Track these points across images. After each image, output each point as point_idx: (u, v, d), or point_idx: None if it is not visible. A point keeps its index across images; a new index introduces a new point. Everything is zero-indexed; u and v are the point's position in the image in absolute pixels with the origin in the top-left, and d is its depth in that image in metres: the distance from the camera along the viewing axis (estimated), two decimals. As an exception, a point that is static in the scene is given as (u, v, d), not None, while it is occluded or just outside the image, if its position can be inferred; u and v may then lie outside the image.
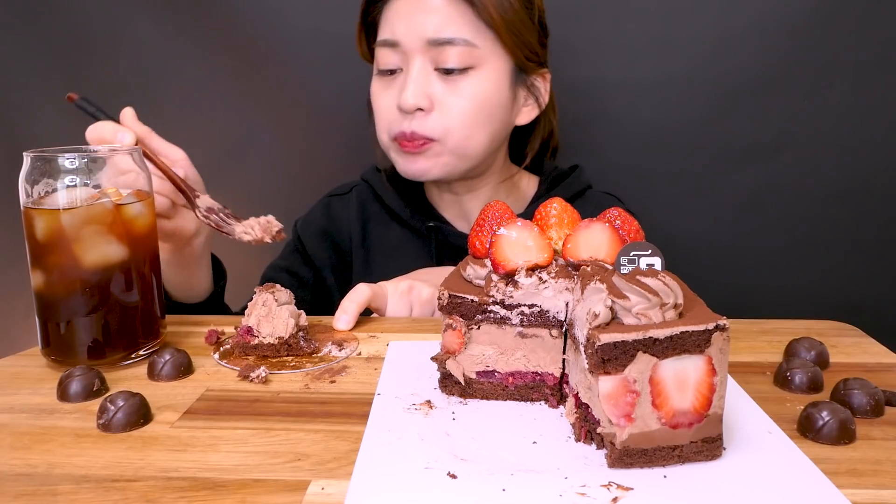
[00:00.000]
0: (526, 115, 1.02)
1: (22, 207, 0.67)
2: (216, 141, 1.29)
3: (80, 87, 1.26)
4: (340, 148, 1.29)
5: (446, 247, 1.04)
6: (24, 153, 0.67)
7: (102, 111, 0.85)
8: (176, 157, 0.87)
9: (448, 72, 0.93)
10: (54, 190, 0.66)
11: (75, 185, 0.66)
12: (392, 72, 0.97)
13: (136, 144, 0.80)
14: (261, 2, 1.23)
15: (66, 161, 0.66)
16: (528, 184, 1.11)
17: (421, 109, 0.94)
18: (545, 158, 1.12)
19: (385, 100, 0.98)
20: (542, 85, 1.02)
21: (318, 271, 1.10)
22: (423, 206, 1.08)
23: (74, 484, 0.48)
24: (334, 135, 1.29)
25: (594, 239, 0.56)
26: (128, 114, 0.85)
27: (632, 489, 0.47)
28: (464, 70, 0.93)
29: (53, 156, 0.66)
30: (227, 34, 1.25)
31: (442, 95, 0.94)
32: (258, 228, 0.81)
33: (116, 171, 0.70)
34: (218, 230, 0.82)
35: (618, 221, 0.59)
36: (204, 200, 0.85)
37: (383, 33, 0.96)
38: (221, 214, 0.84)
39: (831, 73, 1.20)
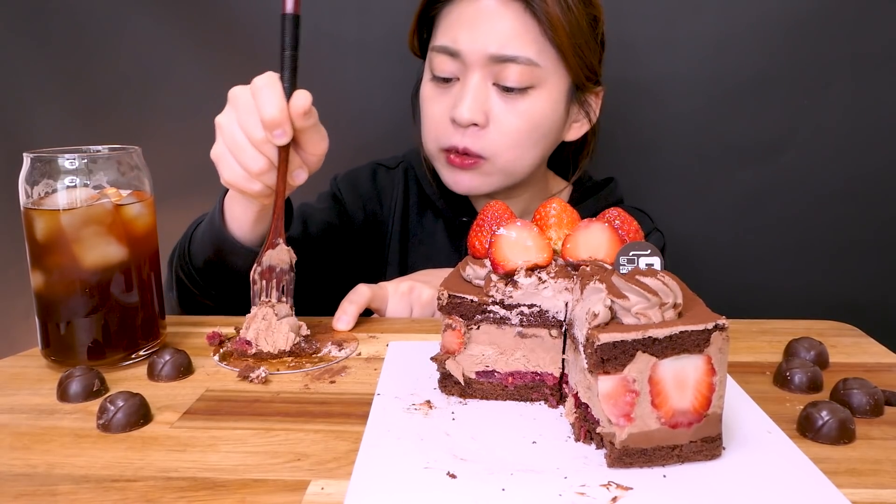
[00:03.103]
0: (576, 131, 1.00)
1: (22, 208, 0.67)
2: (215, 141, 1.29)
3: (79, 87, 1.27)
4: (340, 148, 1.29)
5: None
6: (24, 154, 0.67)
7: (294, 68, 0.73)
8: (317, 152, 0.74)
9: (507, 89, 0.90)
10: (54, 190, 0.66)
11: (75, 186, 0.66)
12: (447, 80, 0.93)
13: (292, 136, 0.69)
14: (261, 2, 1.23)
15: (66, 161, 0.66)
16: (561, 193, 1.10)
17: (475, 125, 0.91)
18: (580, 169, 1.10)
19: (437, 108, 0.94)
20: (595, 102, 1.00)
21: (351, 228, 1.05)
22: (460, 199, 1.05)
23: (74, 484, 0.48)
24: (334, 135, 1.28)
25: (593, 239, 0.56)
26: (303, 100, 0.70)
27: (631, 489, 0.47)
28: (524, 89, 0.90)
29: (53, 156, 0.66)
30: (227, 34, 1.25)
31: (498, 112, 0.90)
32: (278, 340, 0.71)
33: None
34: (251, 298, 0.73)
35: (617, 221, 0.59)
36: (276, 254, 0.73)
37: (442, 38, 0.92)
38: (274, 282, 0.73)
39: (831, 73, 1.20)
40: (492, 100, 0.91)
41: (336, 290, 0.96)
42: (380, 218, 1.07)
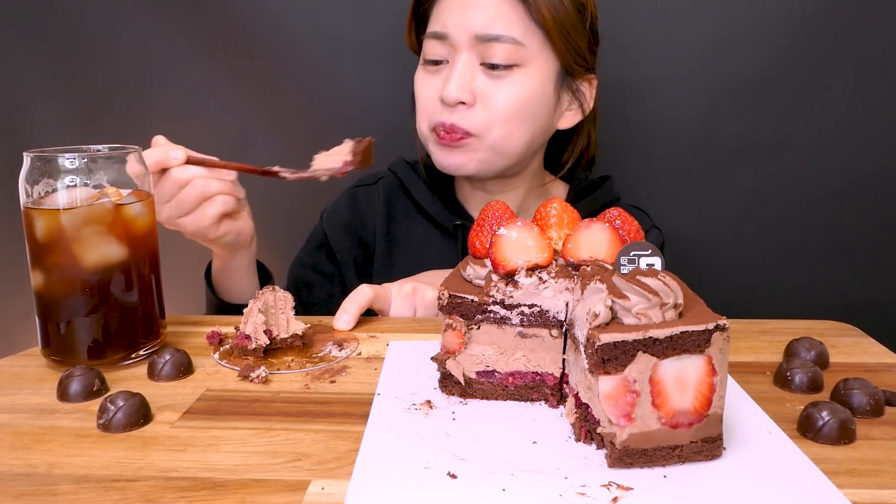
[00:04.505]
0: (569, 119, 1.01)
1: (22, 207, 0.67)
2: (216, 141, 1.29)
3: (79, 87, 1.27)
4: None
5: None
6: (24, 153, 0.67)
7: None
8: (229, 178, 0.89)
9: (493, 67, 0.92)
10: (54, 190, 0.66)
11: (75, 185, 0.66)
12: (437, 63, 0.96)
13: (187, 160, 0.84)
14: (261, 2, 1.23)
15: (66, 161, 0.66)
16: (558, 191, 1.11)
17: (463, 103, 0.93)
18: (578, 168, 1.11)
19: (428, 90, 0.97)
20: (588, 91, 1.01)
21: (340, 265, 1.09)
22: (452, 203, 1.07)
23: (74, 484, 0.48)
24: (334, 135, 1.28)
25: (594, 239, 0.56)
26: (161, 139, 0.87)
27: (632, 489, 0.47)
28: (509, 67, 0.92)
29: (53, 156, 0.66)
30: (227, 34, 1.24)
31: (485, 90, 0.93)
32: (335, 158, 0.88)
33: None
34: (312, 177, 0.88)
35: (618, 221, 0.59)
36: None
37: (433, 25, 0.96)
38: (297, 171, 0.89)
39: (831, 73, 1.20)
40: (479, 79, 0.93)
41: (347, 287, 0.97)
42: (365, 238, 1.10)
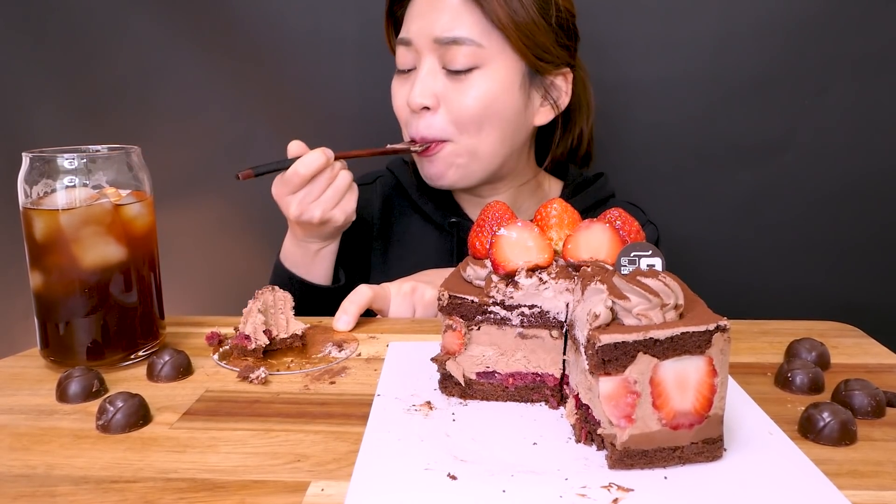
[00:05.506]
0: (543, 115, 1.01)
1: (21, 208, 0.67)
2: (216, 141, 1.29)
3: (79, 87, 1.27)
4: (340, 148, 1.29)
5: (467, 244, 1.04)
6: (24, 153, 0.67)
7: (277, 162, 0.91)
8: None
9: (455, 71, 0.94)
10: (53, 190, 0.66)
11: (74, 186, 0.66)
12: (409, 71, 0.98)
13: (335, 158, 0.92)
14: (261, 2, 1.23)
15: (65, 161, 0.65)
16: (552, 188, 1.11)
17: (427, 108, 0.95)
18: (572, 165, 1.11)
19: (399, 98, 1.00)
20: (564, 85, 1.01)
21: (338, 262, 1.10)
22: (447, 201, 1.08)
23: (73, 485, 0.48)
24: (334, 135, 1.28)
25: (594, 239, 0.56)
26: (299, 143, 0.92)
27: (632, 490, 0.47)
28: (470, 70, 0.93)
29: (52, 156, 0.65)
30: (227, 34, 1.24)
31: (447, 94, 0.94)
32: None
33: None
34: (427, 151, 0.97)
35: (618, 222, 0.59)
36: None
37: (402, 32, 0.98)
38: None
39: (831, 74, 1.20)
40: (442, 83, 0.95)
41: (336, 291, 0.97)
42: (363, 238, 1.10)
